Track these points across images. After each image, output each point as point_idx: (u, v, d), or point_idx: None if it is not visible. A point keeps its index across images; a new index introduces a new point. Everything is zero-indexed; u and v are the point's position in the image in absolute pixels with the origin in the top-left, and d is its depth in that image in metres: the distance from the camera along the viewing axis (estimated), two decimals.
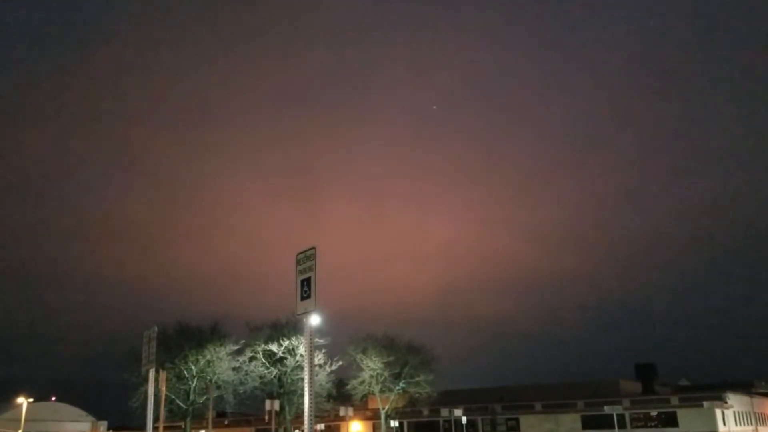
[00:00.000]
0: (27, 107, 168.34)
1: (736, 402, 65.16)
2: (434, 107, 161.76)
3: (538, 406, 70.09)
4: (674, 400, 63.86)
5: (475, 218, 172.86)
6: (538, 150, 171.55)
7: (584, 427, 65.72)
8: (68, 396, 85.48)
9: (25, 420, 68.83)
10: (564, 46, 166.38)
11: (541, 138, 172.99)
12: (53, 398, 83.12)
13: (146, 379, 34.63)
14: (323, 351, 57.09)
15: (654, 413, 63.35)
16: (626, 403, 64.06)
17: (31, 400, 71.40)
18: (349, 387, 63.96)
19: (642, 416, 63.70)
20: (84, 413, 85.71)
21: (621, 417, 61.87)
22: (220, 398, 56.07)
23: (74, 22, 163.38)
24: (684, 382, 78.23)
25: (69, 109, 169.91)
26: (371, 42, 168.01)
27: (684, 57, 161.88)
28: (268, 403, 49.73)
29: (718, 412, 60.12)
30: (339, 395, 63.28)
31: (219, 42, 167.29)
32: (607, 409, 58.59)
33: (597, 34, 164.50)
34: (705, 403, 59.83)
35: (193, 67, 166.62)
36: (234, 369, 56.26)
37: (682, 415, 61.37)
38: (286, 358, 56.49)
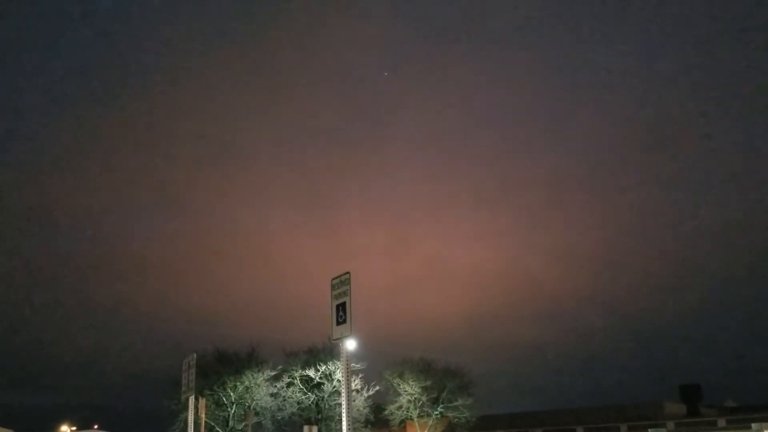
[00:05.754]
0: (65, 145, 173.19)
1: None
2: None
3: (579, 430, 68.69)
4: (721, 423, 61.90)
5: (504, 242, 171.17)
6: (566, 171, 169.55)
7: None
8: (110, 423, 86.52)
9: None
10: (585, 68, 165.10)
11: (569, 158, 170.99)
12: (96, 426, 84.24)
13: (186, 406, 35.10)
14: (360, 376, 56.94)
15: None
16: (671, 426, 62.32)
17: (74, 428, 72.59)
18: (386, 412, 63.50)
19: None
20: None
21: None
22: (258, 424, 56.18)
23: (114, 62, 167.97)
24: (730, 404, 75.71)
25: (102, 146, 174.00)
26: (389, 75, 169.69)
27: (718, 76, 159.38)
28: (306, 429, 49.68)
29: None
30: (377, 420, 62.85)
31: (241, 77, 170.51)
32: None
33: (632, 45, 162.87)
34: (754, 425, 57.69)
35: (220, 103, 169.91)
36: (272, 395, 56.40)
37: None
38: (323, 384, 56.52)
